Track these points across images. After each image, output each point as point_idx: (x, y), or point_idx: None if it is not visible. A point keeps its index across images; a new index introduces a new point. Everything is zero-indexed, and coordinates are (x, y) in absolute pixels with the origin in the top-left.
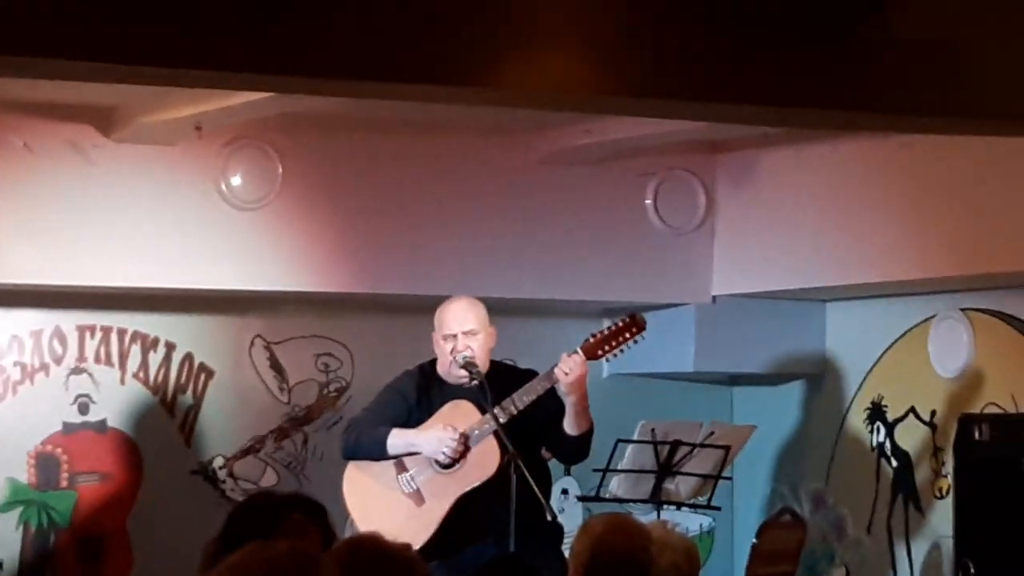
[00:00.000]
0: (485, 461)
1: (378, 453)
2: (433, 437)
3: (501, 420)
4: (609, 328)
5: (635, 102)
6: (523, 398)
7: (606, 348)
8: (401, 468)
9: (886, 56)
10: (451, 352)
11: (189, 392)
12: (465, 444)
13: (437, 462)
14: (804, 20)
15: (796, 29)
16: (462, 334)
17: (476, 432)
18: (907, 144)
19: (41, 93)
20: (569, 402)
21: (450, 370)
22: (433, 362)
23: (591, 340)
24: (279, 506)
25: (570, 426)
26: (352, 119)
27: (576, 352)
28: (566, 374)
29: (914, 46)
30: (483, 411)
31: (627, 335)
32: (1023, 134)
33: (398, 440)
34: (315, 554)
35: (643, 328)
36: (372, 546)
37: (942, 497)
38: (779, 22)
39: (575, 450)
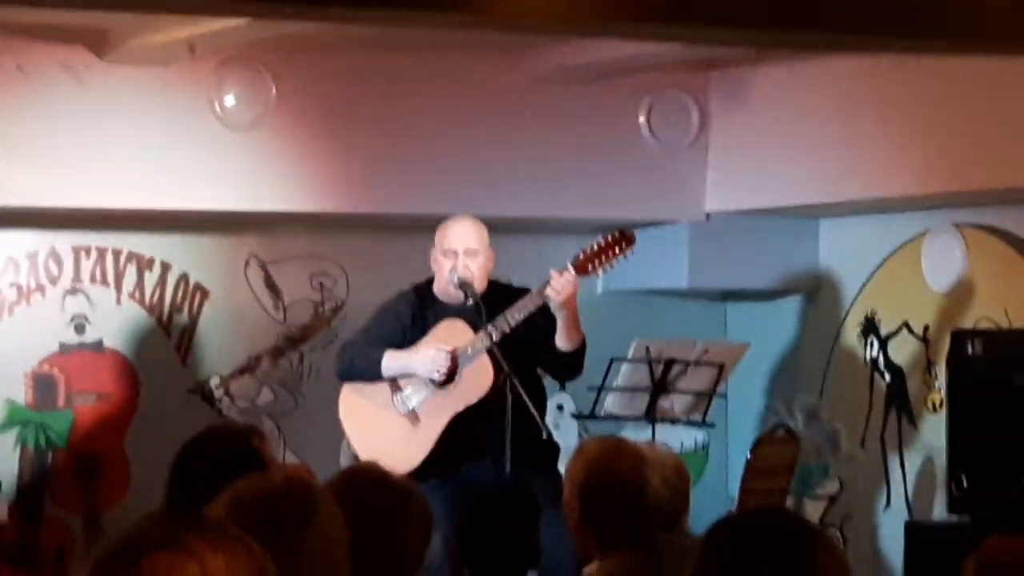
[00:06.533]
0: (479, 379)
1: (373, 376)
2: (426, 357)
3: (494, 338)
4: (599, 243)
5: (614, 26)
6: (514, 316)
7: (596, 263)
8: (396, 388)
9: None
10: (449, 271)
11: (185, 312)
12: (455, 360)
13: (432, 381)
14: None
15: None
16: (463, 252)
17: (469, 350)
18: (901, 60)
19: (34, 15)
20: (560, 317)
21: (446, 289)
22: (429, 282)
23: (581, 256)
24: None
25: (562, 341)
26: (345, 39)
27: (567, 269)
28: (558, 292)
29: None
30: (477, 330)
31: (616, 249)
32: (1014, 54)
33: (392, 363)
34: (313, 485)
35: (632, 242)
36: (370, 477)
37: (935, 411)
38: None
39: (569, 366)
